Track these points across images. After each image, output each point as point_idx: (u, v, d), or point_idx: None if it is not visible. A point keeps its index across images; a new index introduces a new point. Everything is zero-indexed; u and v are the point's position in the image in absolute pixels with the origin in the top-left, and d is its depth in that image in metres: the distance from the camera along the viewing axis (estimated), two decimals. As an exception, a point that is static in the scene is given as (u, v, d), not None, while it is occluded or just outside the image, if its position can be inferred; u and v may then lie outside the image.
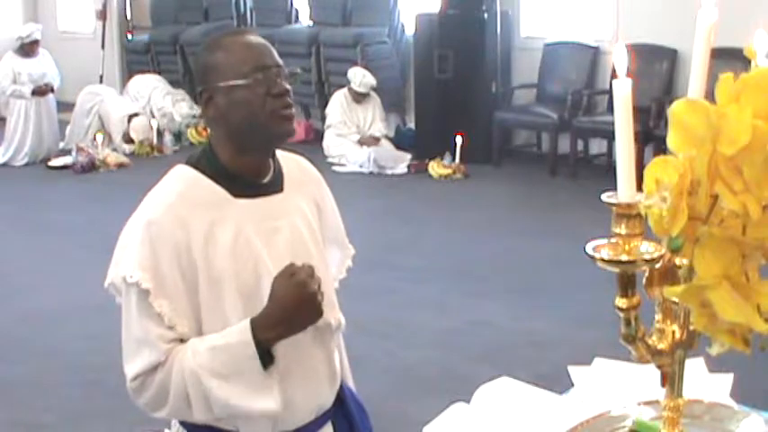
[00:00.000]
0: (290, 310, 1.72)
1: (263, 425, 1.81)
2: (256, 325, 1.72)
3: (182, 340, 1.76)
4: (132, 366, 1.77)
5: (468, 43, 8.40)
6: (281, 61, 1.82)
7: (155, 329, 1.73)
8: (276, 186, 1.87)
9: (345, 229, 2.09)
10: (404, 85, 9.47)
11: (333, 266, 2.06)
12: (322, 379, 1.90)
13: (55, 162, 8.99)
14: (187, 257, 1.74)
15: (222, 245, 1.76)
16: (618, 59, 1.25)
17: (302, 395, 1.85)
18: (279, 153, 1.90)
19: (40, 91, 9.09)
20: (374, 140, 8.70)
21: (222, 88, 1.77)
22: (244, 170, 1.82)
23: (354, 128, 8.79)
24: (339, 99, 8.86)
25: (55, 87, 9.26)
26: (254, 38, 1.82)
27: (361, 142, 8.65)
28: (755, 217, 1.16)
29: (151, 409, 1.81)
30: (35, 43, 9.09)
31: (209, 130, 1.88)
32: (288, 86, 1.79)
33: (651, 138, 7.00)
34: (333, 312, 1.90)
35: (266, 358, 1.74)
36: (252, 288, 1.78)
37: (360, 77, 8.64)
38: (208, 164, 1.82)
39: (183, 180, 1.81)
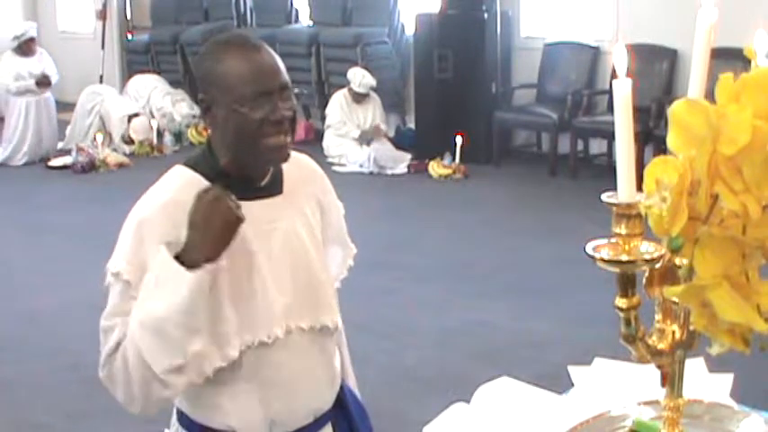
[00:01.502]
0: (203, 223, 1.65)
1: (260, 426, 1.81)
2: (181, 254, 1.66)
3: None
4: (100, 357, 1.76)
5: (468, 43, 8.40)
6: (286, 79, 1.76)
7: (122, 312, 1.72)
8: (275, 188, 1.85)
9: (346, 228, 2.08)
10: (404, 85, 9.46)
11: (334, 265, 2.04)
12: (322, 382, 1.89)
13: (55, 162, 8.99)
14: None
15: None
16: (618, 59, 1.25)
17: (302, 399, 1.84)
18: None
19: (43, 83, 9.08)
20: (379, 130, 8.66)
21: (220, 103, 1.73)
22: (241, 173, 1.80)
23: (354, 128, 8.78)
24: (339, 99, 8.85)
25: (52, 81, 9.25)
26: (261, 55, 1.74)
27: (365, 135, 8.61)
28: (755, 217, 1.16)
29: (125, 400, 1.78)
30: (31, 41, 9.10)
31: (209, 131, 1.85)
32: (286, 113, 1.73)
33: (651, 138, 7.00)
34: (331, 315, 1.88)
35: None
36: (246, 290, 1.76)
37: (359, 78, 8.63)
38: (206, 166, 1.80)
39: (179, 181, 1.80)
